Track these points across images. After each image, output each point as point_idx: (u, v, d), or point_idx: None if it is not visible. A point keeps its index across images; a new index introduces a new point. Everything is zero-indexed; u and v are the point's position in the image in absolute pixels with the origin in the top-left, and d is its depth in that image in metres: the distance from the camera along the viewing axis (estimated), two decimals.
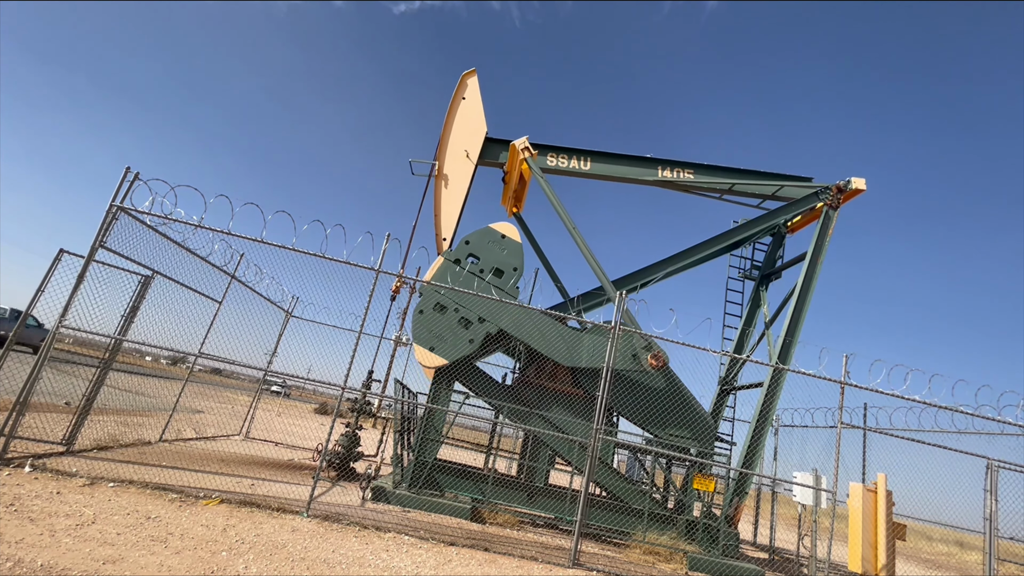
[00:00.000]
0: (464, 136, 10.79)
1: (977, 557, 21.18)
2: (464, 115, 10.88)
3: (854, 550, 8.48)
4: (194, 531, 5.17)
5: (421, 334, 9.22)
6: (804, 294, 10.42)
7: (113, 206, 7.14)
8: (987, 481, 8.55)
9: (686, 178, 11.29)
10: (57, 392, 7.56)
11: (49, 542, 4.23)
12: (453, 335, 9.22)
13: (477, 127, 10.84)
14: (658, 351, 9.24)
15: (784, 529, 15.97)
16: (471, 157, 10.72)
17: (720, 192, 11.59)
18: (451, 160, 10.69)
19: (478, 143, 10.79)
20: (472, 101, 10.92)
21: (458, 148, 10.75)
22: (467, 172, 10.66)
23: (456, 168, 10.65)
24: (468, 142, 10.77)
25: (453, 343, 9.19)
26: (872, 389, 8.41)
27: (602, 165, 11.26)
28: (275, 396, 39.24)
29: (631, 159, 11.30)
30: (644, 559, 8.23)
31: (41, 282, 6.73)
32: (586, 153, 11.23)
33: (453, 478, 9.09)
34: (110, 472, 6.60)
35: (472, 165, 10.70)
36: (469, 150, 10.74)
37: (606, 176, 11.32)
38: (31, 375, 6.53)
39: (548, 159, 11.17)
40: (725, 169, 11.41)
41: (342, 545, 5.69)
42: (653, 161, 11.31)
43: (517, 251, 9.93)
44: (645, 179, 11.30)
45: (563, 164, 11.19)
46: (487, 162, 11.15)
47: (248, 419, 13.48)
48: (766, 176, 11.35)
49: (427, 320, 9.27)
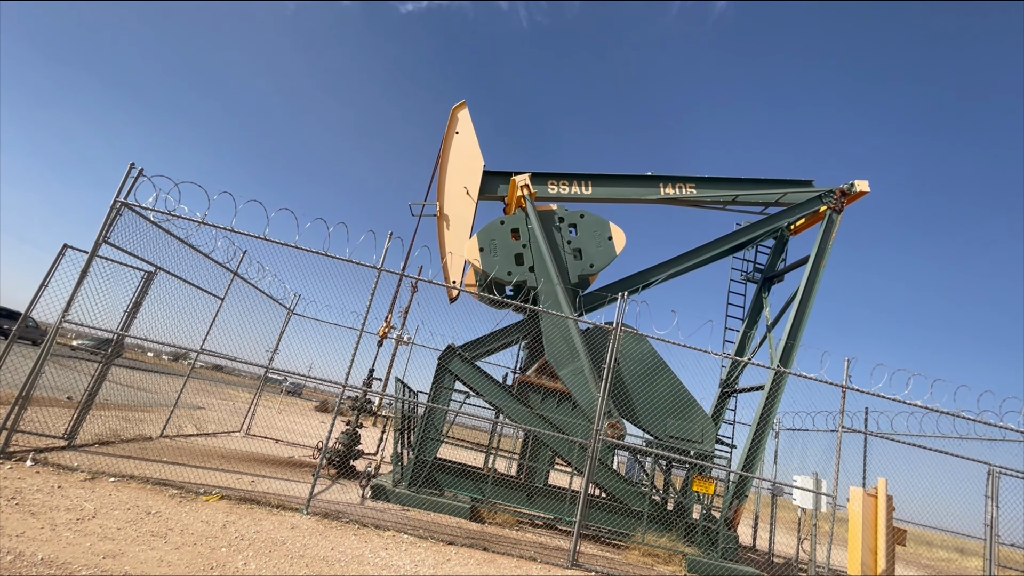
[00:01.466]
0: (462, 173, 10.61)
1: (978, 563, 21.11)
2: (459, 151, 10.70)
3: (854, 555, 8.46)
4: (194, 527, 5.19)
5: (486, 236, 9.93)
6: (806, 297, 10.40)
7: (117, 202, 7.17)
8: (988, 487, 8.52)
9: (689, 193, 11.27)
10: (59, 386, 7.59)
11: (50, 536, 4.25)
12: (505, 258, 9.98)
13: (474, 162, 10.66)
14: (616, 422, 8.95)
15: (784, 533, 15.93)
16: (471, 194, 10.54)
17: (724, 203, 11.58)
18: (451, 199, 10.50)
19: (477, 178, 10.60)
20: (465, 135, 10.73)
21: (457, 186, 10.57)
22: (469, 210, 10.49)
23: (457, 207, 10.47)
24: (466, 178, 10.59)
25: (500, 262, 9.94)
26: (874, 393, 8.39)
27: (604, 188, 11.22)
28: (290, 396, 38.54)
29: (633, 179, 11.27)
30: (643, 561, 8.22)
31: (45, 277, 6.76)
32: (587, 177, 11.16)
33: (453, 477, 9.09)
34: (111, 467, 6.63)
35: (473, 203, 10.52)
36: (468, 187, 10.56)
37: (609, 199, 11.26)
38: (34, 369, 6.56)
39: (549, 187, 11.02)
40: (728, 180, 11.41)
41: (341, 543, 5.70)
42: (655, 179, 11.28)
43: (609, 255, 10.39)
44: (648, 198, 11.26)
45: (564, 191, 11.08)
46: (487, 196, 10.93)
47: (249, 416, 13.51)
48: (769, 184, 11.35)
49: (499, 231, 10.07)
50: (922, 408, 8.59)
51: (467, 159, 10.66)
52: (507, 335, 10.35)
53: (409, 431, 9.81)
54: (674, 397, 9.56)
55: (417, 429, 9.30)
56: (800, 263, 11.44)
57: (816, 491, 9.17)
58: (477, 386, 9.50)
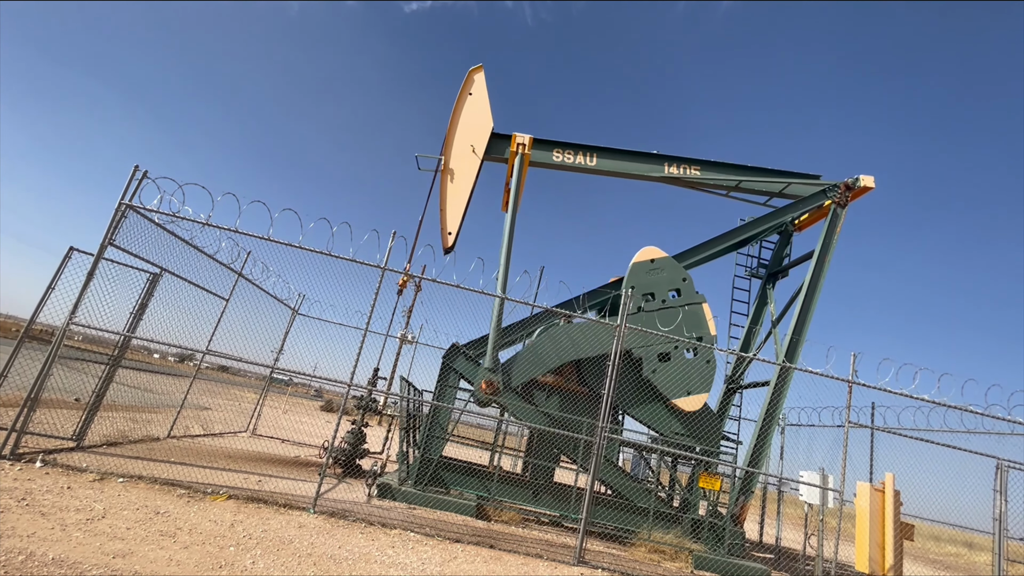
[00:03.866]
0: (470, 132, 10.78)
1: (986, 558, 21.00)
2: (470, 111, 10.85)
3: (861, 550, 8.43)
4: (202, 526, 5.22)
5: (671, 385, 9.61)
6: (811, 292, 10.34)
7: (122, 204, 7.20)
8: (997, 481, 8.47)
9: (692, 175, 11.22)
10: (67, 388, 7.64)
11: (60, 536, 4.29)
12: (699, 375, 9.67)
13: (483, 123, 10.81)
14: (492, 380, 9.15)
15: (790, 529, 15.90)
16: (477, 152, 10.71)
17: (727, 189, 11.50)
18: (457, 155, 10.68)
19: (484, 139, 10.77)
20: (479, 97, 10.89)
21: (464, 144, 10.74)
22: (473, 167, 10.66)
23: (462, 163, 10.65)
24: (474, 138, 10.76)
25: (700, 381, 9.66)
26: (880, 388, 8.35)
27: (608, 161, 11.21)
28: (315, 399, 37.36)
29: (637, 155, 11.24)
30: (649, 557, 8.22)
31: (52, 279, 6.81)
32: (592, 149, 11.18)
33: (458, 475, 9.11)
34: (120, 468, 6.67)
35: (478, 161, 10.68)
36: (475, 145, 10.73)
37: (612, 172, 11.26)
38: (42, 371, 6.61)
39: (554, 155, 11.11)
40: (732, 166, 11.33)
41: (348, 541, 5.72)
42: (659, 157, 11.25)
43: (673, 265, 10.34)
44: (651, 175, 11.23)
45: (569, 160, 11.13)
46: (493, 157, 11.08)
47: (255, 416, 13.58)
48: (773, 173, 11.26)
49: (669, 369, 9.73)
50: (929, 402, 8.54)
51: (477, 119, 10.85)
52: (512, 333, 10.36)
53: (414, 430, 9.83)
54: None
55: (422, 428, 9.33)
56: (805, 258, 11.38)
57: (823, 486, 9.14)
58: None
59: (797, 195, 11.20)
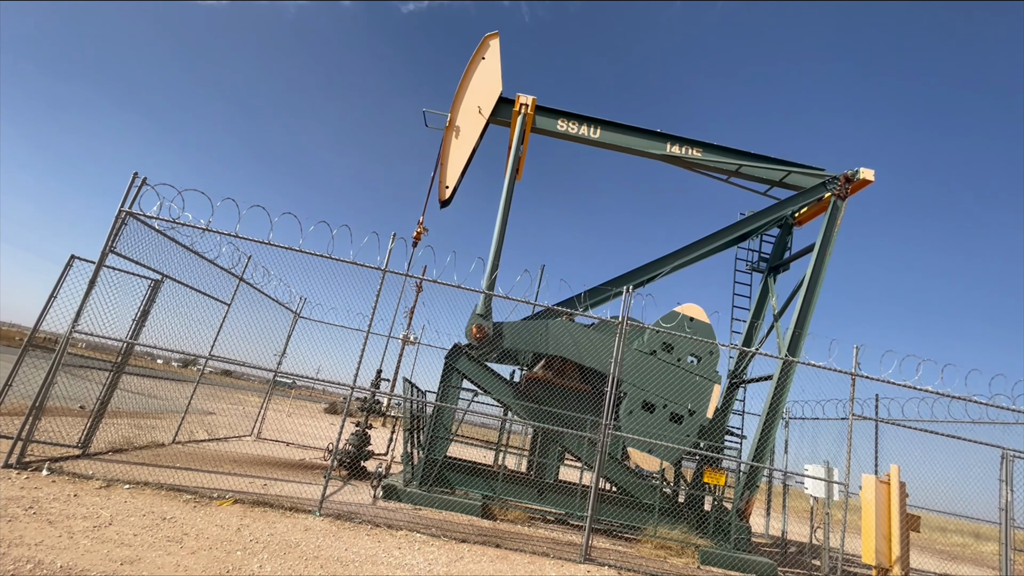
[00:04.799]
0: (479, 93, 11.08)
1: (993, 548, 20.98)
2: (482, 74, 11.13)
3: (868, 542, 8.43)
4: (209, 531, 5.24)
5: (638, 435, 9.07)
6: (813, 285, 10.32)
7: (122, 211, 7.22)
8: (1002, 471, 8.46)
9: (694, 155, 11.33)
10: (71, 396, 7.67)
11: (68, 544, 4.30)
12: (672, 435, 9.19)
13: (493, 86, 11.09)
14: (482, 325, 9.35)
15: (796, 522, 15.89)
16: (483, 113, 11.00)
17: (727, 174, 11.58)
18: (464, 114, 11.00)
19: (492, 101, 11.05)
20: (491, 62, 11.17)
21: (472, 104, 11.04)
22: (478, 127, 10.95)
23: (468, 122, 10.96)
24: (482, 99, 11.05)
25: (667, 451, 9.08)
26: (883, 380, 8.34)
27: (611, 134, 11.38)
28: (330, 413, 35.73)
29: (640, 131, 11.40)
30: (656, 553, 8.22)
31: (54, 287, 6.82)
32: (596, 121, 11.39)
33: (463, 475, 9.12)
34: (125, 474, 6.70)
35: (484, 121, 10.98)
36: (482, 107, 11.02)
37: (614, 146, 11.42)
38: (46, 380, 6.63)
39: (559, 124, 11.32)
40: (733, 151, 11.41)
41: (355, 543, 5.73)
42: (662, 136, 11.40)
43: (707, 332, 9.81)
44: (653, 152, 11.35)
45: (573, 130, 11.34)
46: (498, 120, 11.34)
47: (259, 420, 13.60)
48: (774, 161, 11.29)
49: (645, 421, 9.30)
50: (933, 393, 8.53)
51: (487, 82, 11.12)
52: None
53: (418, 430, 9.84)
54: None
55: (426, 428, 9.34)
56: (805, 251, 11.36)
57: (828, 480, 9.13)
58: (485, 384, 9.52)
59: (797, 185, 11.19)
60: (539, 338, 9.61)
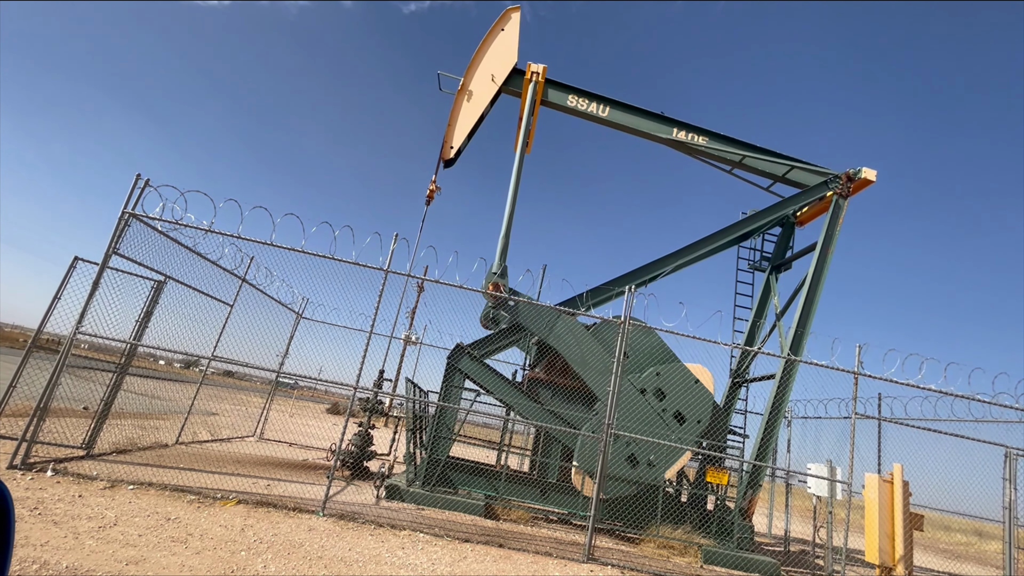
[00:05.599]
0: (494, 62, 11.31)
1: (997, 546, 20.93)
2: (499, 44, 11.36)
3: (871, 541, 8.42)
4: (213, 531, 5.25)
5: (585, 455, 8.78)
6: (815, 284, 10.31)
7: (125, 213, 7.24)
8: (1006, 469, 8.45)
9: (699, 143, 11.40)
10: (75, 397, 7.69)
11: (73, 544, 4.32)
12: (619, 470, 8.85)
13: (508, 56, 11.30)
14: (499, 282, 9.56)
15: (799, 521, 15.88)
16: (496, 81, 11.23)
17: (731, 164, 11.64)
18: (478, 79, 11.28)
19: (506, 70, 11.27)
20: (510, 33, 11.38)
21: (486, 71, 11.29)
22: (489, 93, 11.21)
23: (480, 87, 11.25)
24: (496, 68, 11.27)
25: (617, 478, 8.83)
26: (886, 379, 8.33)
27: (620, 114, 11.47)
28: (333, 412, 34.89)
29: (648, 114, 11.48)
30: (659, 553, 8.22)
31: (57, 289, 6.85)
32: (606, 100, 11.51)
33: (466, 475, 9.13)
34: (129, 475, 6.72)
35: (495, 88, 11.21)
36: (496, 75, 11.24)
37: (621, 126, 11.52)
38: (50, 381, 6.65)
39: (569, 99, 11.47)
40: (738, 141, 11.48)
41: (358, 543, 5.75)
42: (670, 120, 11.48)
43: (705, 400, 9.29)
44: (659, 136, 11.43)
45: (582, 107, 11.46)
46: (510, 90, 11.52)
47: (262, 420, 13.63)
48: (777, 155, 11.31)
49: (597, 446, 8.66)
50: (936, 392, 8.52)
51: (503, 52, 11.35)
52: (516, 332, 10.36)
53: (421, 431, 9.86)
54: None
55: (429, 428, 9.35)
56: (808, 250, 11.35)
57: (831, 478, 9.12)
58: (487, 384, 9.53)
59: (799, 182, 11.20)
60: (546, 326, 9.56)
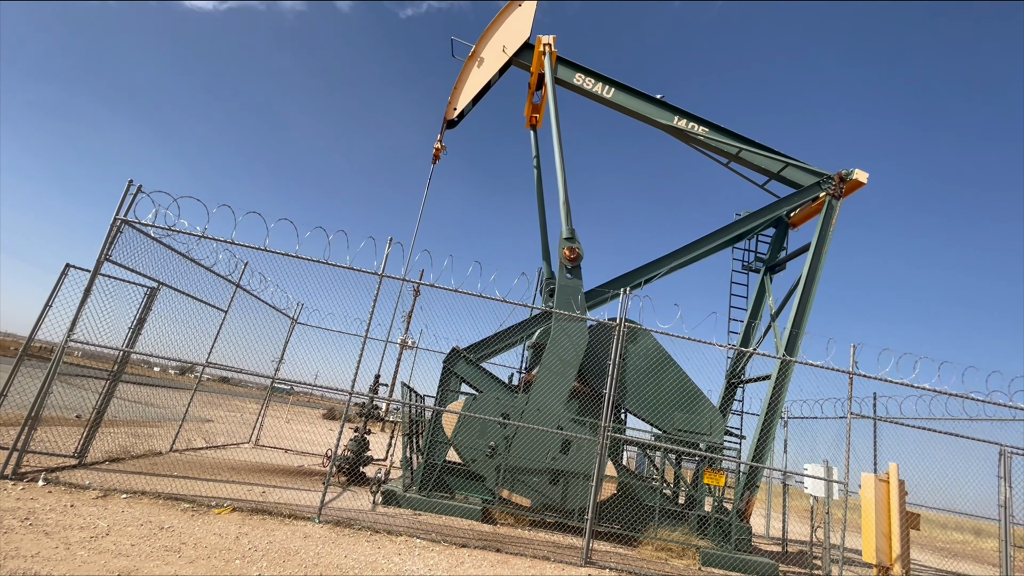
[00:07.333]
0: (507, 34, 11.79)
1: (993, 544, 21.02)
2: (514, 18, 11.85)
3: (868, 540, 8.43)
4: (207, 540, 5.20)
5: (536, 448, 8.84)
6: (809, 284, 10.36)
7: (117, 219, 7.19)
8: (1001, 468, 8.48)
9: (699, 132, 11.61)
10: (67, 405, 7.61)
11: (65, 555, 4.27)
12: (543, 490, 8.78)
13: (522, 31, 11.75)
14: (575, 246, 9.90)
15: (797, 521, 15.89)
16: (507, 52, 11.69)
17: (728, 157, 11.83)
18: (489, 49, 11.86)
19: (518, 43, 11.73)
20: (526, 10, 11.82)
21: (498, 42, 11.80)
22: (499, 62, 11.73)
23: (491, 56, 11.81)
24: (509, 40, 11.74)
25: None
26: (881, 379, 8.36)
27: (624, 96, 11.75)
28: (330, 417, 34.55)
29: (652, 99, 11.76)
30: (656, 555, 8.21)
31: (49, 296, 6.79)
32: (612, 82, 11.81)
33: (463, 480, 9.09)
34: (122, 484, 6.65)
35: (506, 59, 11.73)
36: (507, 46, 11.70)
37: (625, 108, 11.76)
38: (42, 389, 6.58)
39: (576, 78, 11.80)
40: (736, 134, 11.67)
41: (354, 550, 5.70)
42: (672, 108, 11.72)
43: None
44: (660, 122, 11.67)
45: (588, 86, 11.79)
46: (519, 62, 11.96)
47: (257, 427, 13.54)
48: (773, 151, 11.45)
49: None
50: (930, 391, 8.56)
51: (517, 26, 11.88)
52: (511, 336, 10.34)
53: (417, 435, 9.82)
54: (681, 390, 9.54)
55: (425, 433, 9.31)
56: (801, 251, 11.42)
57: (827, 479, 9.14)
58: (483, 387, 9.50)
59: (793, 181, 11.31)
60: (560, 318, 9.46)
